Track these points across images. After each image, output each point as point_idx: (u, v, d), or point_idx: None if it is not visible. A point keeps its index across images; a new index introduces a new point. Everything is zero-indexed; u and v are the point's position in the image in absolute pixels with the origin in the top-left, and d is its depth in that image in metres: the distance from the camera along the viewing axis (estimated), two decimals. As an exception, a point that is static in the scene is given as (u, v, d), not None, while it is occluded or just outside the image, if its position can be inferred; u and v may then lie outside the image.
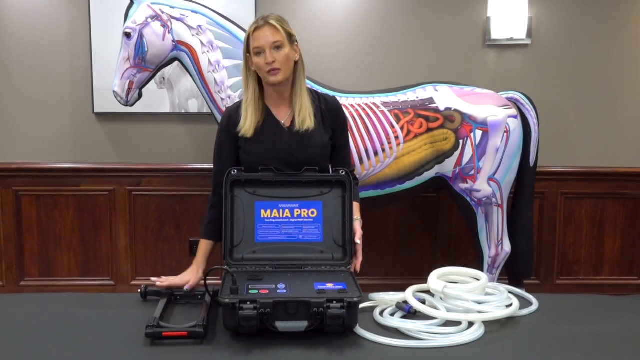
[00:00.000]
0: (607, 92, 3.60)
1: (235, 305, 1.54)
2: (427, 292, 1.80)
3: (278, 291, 1.63)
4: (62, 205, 3.55)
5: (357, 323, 1.62)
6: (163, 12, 2.88)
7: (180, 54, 2.92)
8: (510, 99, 3.01)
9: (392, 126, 2.88)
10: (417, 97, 2.92)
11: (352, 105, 2.91)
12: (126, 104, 3.00)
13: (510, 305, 1.74)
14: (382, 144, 2.87)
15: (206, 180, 2.10)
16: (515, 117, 2.94)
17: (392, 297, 1.80)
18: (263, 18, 1.98)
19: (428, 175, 2.92)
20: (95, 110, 3.51)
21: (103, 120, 3.54)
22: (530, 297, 1.88)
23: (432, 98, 2.91)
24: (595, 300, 1.95)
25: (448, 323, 1.66)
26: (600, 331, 1.65)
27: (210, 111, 3.05)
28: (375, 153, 2.88)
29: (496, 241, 2.99)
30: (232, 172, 1.90)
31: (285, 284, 1.68)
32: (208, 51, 2.89)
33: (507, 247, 3.01)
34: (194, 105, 3.51)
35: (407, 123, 2.88)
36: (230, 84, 2.90)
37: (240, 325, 1.55)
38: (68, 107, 3.54)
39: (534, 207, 3.19)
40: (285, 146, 2.00)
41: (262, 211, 1.90)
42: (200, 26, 2.89)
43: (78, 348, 1.54)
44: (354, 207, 1.95)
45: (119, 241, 3.58)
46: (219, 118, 2.80)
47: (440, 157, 2.90)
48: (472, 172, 2.90)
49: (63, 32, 3.47)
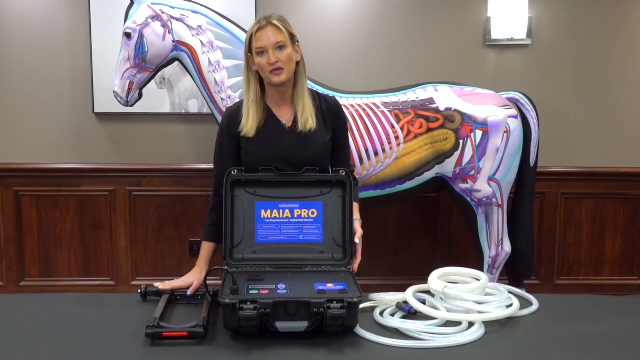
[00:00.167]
0: (607, 92, 3.60)
1: (236, 306, 1.54)
2: (428, 292, 1.80)
3: (278, 291, 1.63)
4: (63, 206, 3.55)
5: (358, 323, 1.62)
6: (163, 13, 2.88)
7: (180, 54, 2.92)
8: (510, 99, 3.01)
9: (393, 126, 2.88)
10: (418, 97, 2.92)
11: (352, 106, 2.90)
12: (126, 104, 3.00)
13: (511, 305, 1.74)
14: (382, 144, 2.87)
15: (207, 181, 2.10)
16: (516, 117, 2.93)
17: (392, 298, 1.80)
18: (265, 18, 1.98)
19: (428, 175, 2.92)
20: (96, 111, 3.51)
21: (103, 121, 3.54)
22: (531, 297, 1.88)
23: (432, 98, 2.91)
24: (596, 301, 1.95)
25: (448, 323, 1.66)
26: (600, 331, 1.65)
27: (210, 111, 3.05)
28: (376, 153, 2.87)
29: (496, 241, 2.99)
30: (233, 172, 1.90)
31: (286, 284, 1.68)
32: (208, 51, 2.89)
33: (508, 247, 3.01)
34: (194, 106, 3.51)
35: (408, 123, 2.88)
36: (230, 84, 2.90)
37: (240, 325, 1.55)
38: (68, 107, 3.54)
39: (534, 207, 3.18)
40: (286, 146, 2.00)
41: (263, 211, 1.90)
42: (200, 26, 2.89)
43: (78, 348, 1.54)
44: (354, 207, 1.95)
45: (119, 241, 3.58)
46: (219, 118, 2.80)
47: (441, 158, 2.90)
48: (473, 172, 2.90)
49: (63, 32, 3.47)
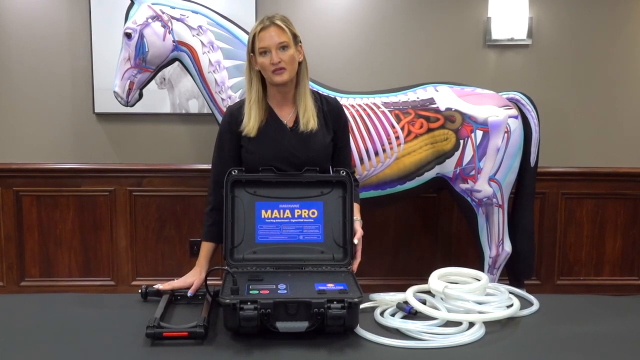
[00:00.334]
0: (608, 92, 3.60)
1: (236, 306, 1.54)
2: (428, 292, 1.80)
3: (278, 291, 1.63)
4: (63, 206, 3.55)
5: (358, 323, 1.62)
6: (163, 13, 2.88)
7: (180, 54, 2.92)
8: (510, 99, 3.01)
9: (393, 126, 2.88)
10: (418, 98, 2.92)
11: (352, 106, 2.90)
12: (127, 105, 3.00)
13: (511, 305, 1.74)
14: (382, 144, 2.87)
15: (207, 181, 2.10)
16: (516, 117, 2.93)
17: (392, 298, 1.80)
18: (268, 18, 1.98)
19: (428, 175, 2.92)
20: (96, 111, 3.51)
21: (103, 121, 3.54)
22: (531, 297, 1.88)
23: (432, 98, 2.91)
24: (596, 301, 1.95)
25: (449, 323, 1.65)
26: (600, 331, 1.65)
27: (210, 111, 3.05)
28: (376, 153, 2.87)
29: (497, 241, 2.99)
30: (233, 173, 1.90)
31: (286, 284, 1.68)
32: (208, 51, 2.89)
33: (508, 247, 3.01)
34: (195, 106, 3.51)
35: (408, 123, 2.88)
36: (230, 84, 2.90)
37: (240, 325, 1.55)
38: (68, 107, 3.54)
39: (535, 208, 3.18)
40: (287, 146, 2.00)
41: (263, 211, 1.90)
42: (200, 26, 2.89)
43: (78, 348, 1.54)
44: (355, 208, 1.95)
45: (119, 241, 3.58)
46: (220, 118, 2.80)
47: (441, 158, 2.90)
48: (473, 173, 2.90)
49: (63, 32, 3.47)
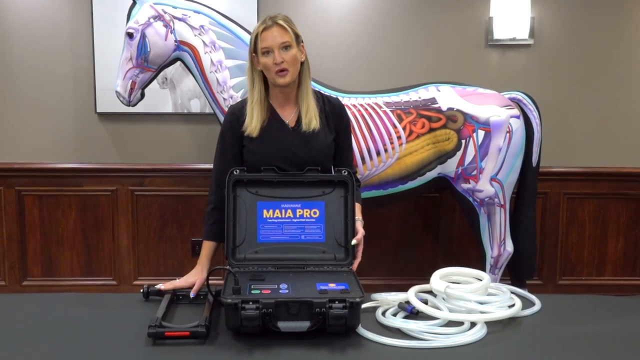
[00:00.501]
0: (610, 92, 3.60)
1: (238, 305, 1.54)
2: (430, 292, 1.80)
3: (280, 291, 1.63)
4: (65, 205, 3.55)
5: (360, 323, 1.61)
6: (165, 12, 2.88)
7: (182, 54, 2.92)
8: (512, 99, 3.01)
9: (395, 126, 2.88)
10: (420, 97, 2.92)
11: (354, 105, 2.90)
12: (128, 104, 3.00)
13: (513, 305, 1.74)
14: (384, 144, 2.87)
15: (209, 180, 2.09)
16: (518, 117, 2.93)
17: (394, 297, 1.79)
18: (271, 18, 1.98)
19: (430, 175, 2.92)
20: (98, 110, 3.51)
21: (105, 120, 3.55)
22: (533, 297, 1.88)
23: (434, 98, 2.91)
24: (598, 301, 1.95)
25: (450, 323, 1.65)
26: (602, 332, 1.65)
27: (212, 111, 3.05)
28: (378, 153, 2.87)
29: (498, 241, 2.98)
30: (235, 172, 1.90)
31: (288, 284, 1.68)
32: (210, 51, 2.89)
33: (510, 247, 3.01)
34: (197, 105, 3.52)
35: (410, 123, 2.88)
36: (232, 84, 2.90)
37: (242, 325, 1.54)
38: (70, 107, 3.54)
39: (537, 208, 3.18)
40: (289, 146, 2.00)
41: (265, 211, 1.89)
42: (202, 26, 2.89)
43: (80, 348, 1.54)
44: (356, 208, 1.95)
45: (121, 241, 3.58)
46: (221, 118, 2.80)
47: (443, 157, 2.90)
48: (475, 172, 2.89)
49: (65, 32, 3.48)
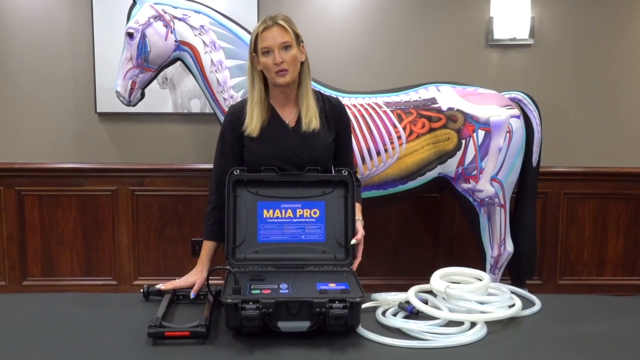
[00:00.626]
0: (610, 92, 3.60)
1: (238, 305, 1.54)
2: (430, 292, 1.80)
3: (280, 291, 1.63)
4: (65, 205, 3.55)
5: (360, 323, 1.61)
6: (165, 12, 2.88)
7: (182, 54, 2.92)
8: (512, 99, 3.01)
9: (395, 126, 2.88)
10: (420, 97, 2.92)
11: (354, 105, 2.90)
12: (129, 104, 3.00)
13: (513, 305, 1.74)
14: (384, 144, 2.87)
15: (209, 180, 2.09)
16: (518, 117, 2.93)
17: (394, 297, 1.79)
18: (271, 18, 1.98)
19: (430, 175, 2.92)
20: (98, 110, 3.51)
21: (105, 120, 3.55)
22: (533, 297, 1.88)
23: (434, 98, 2.91)
24: (598, 301, 1.95)
25: (450, 323, 1.65)
26: (602, 332, 1.65)
27: (212, 111, 3.05)
28: (378, 153, 2.87)
29: (499, 241, 2.98)
30: (235, 172, 1.90)
31: (288, 284, 1.68)
32: (210, 51, 2.89)
33: (510, 247, 3.01)
34: (197, 105, 3.52)
35: (410, 123, 2.88)
36: (232, 84, 2.90)
37: (242, 325, 1.54)
38: (70, 107, 3.54)
39: (537, 207, 3.18)
40: (290, 146, 2.00)
41: (265, 211, 1.89)
42: (202, 26, 2.89)
43: (80, 348, 1.54)
44: (356, 208, 1.95)
45: (121, 241, 3.58)
46: (222, 118, 2.80)
47: (443, 157, 2.90)
48: (475, 172, 2.89)
49: (65, 32, 3.48)
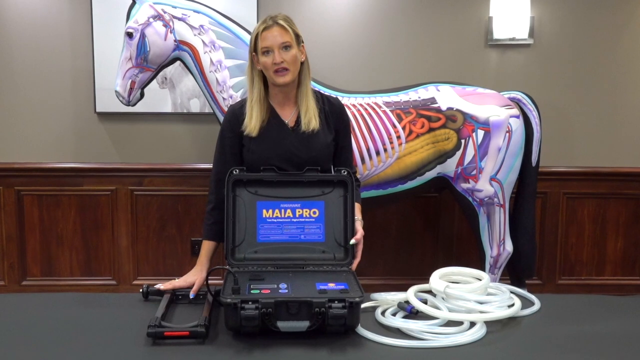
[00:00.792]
0: (610, 92, 3.60)
1: (237, 305, 1.54)
2: (429, 292, 1.80)
3: (280, 291, 1.63)
4: (64, 205, 3.55)
5: (359, 323, 1.62)
6: (165, 12, 2.88)
7: (182, 54, 2.92)
8: (512, 99, 3.01)
9: (394, 126, 2.88)
10: (419, 97, 2.92)
11: (354, 105, 2.90)
12: (128, 104, 3.00)
13: (512, 305, 1.74)
14: (384, 144, 2.87)
15: (208, 180, 2.10)
16: (518, 117, 2.93)
17: (393, 297, 1.80)
18: (271, 18, 1.98)
19: (430, 175, 2.92)
20: (97, 110, 3.51)
21: (105, 120, 3.55)
22: (532, 297, 1.88)
23: (434, 98, 2.91)
24: (598, 301, 1.95)
25: (450, 323, 1.65)
26: (602, 331, 1.65)
27: (212, 111, 3.05)
28: (377, 153, 2.87)
29: (498, 241, 2.98)
30: (234, 172, 1.90)
31: (287, 283, 1.68)
32: (210, 51, 2.89)
33: (509, 247, 3.01)
34: (196, 105, 3.51)
35: (409, 123, 2.88)
36: (232, 84, 2.90)
37: (241, 325, 1.55)
38: (70, 107, 3.54)
39: (536, 207, 3.18)
40: (289, 146, 2.00)
41: (264, 211, 1.90)
42: (202, 26, 2.89)
43: (79, 348, 1.54)
44: (356, 207, 1.95)
45: (120, 241, 3.58)
46: (221, 118, 2.80)
47: (442, 157, 2.90)
48: (474, 172, 2.89)
49: (65, 32, 3.48)
